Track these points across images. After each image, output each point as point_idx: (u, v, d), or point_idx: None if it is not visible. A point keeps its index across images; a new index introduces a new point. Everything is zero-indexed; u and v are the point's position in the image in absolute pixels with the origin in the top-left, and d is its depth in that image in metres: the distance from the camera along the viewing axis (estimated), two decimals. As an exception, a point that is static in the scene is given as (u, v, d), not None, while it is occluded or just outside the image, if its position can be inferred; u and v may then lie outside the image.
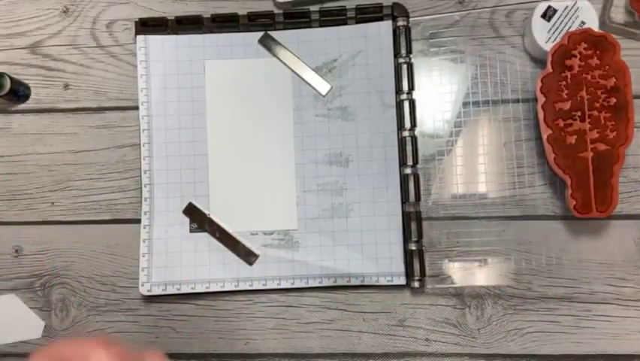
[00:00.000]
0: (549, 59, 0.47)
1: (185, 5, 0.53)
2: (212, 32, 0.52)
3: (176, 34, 0.52)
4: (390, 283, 0.49)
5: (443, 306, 0.49)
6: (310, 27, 0.52)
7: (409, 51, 0.51)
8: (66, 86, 0.53)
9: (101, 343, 0.31)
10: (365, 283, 0.49)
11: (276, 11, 0.52)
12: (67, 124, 0.53)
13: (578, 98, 0.46)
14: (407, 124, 0.50)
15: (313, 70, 0.51)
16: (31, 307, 0.51)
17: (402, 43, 0.51)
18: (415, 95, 0.50)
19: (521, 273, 0.49)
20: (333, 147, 0.51)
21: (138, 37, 0.52)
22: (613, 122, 0.46)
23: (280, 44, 0.52)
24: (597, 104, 0.46)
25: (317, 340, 0.49)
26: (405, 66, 0.50)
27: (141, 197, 0.51)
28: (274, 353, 0.49)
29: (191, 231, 0.50)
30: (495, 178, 0.50)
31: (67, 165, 0.52)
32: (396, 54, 0.51)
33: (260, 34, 0.52)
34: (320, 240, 0.50)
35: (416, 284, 0.48)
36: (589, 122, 0.46)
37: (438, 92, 0.51)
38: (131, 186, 0.52)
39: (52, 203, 0.52)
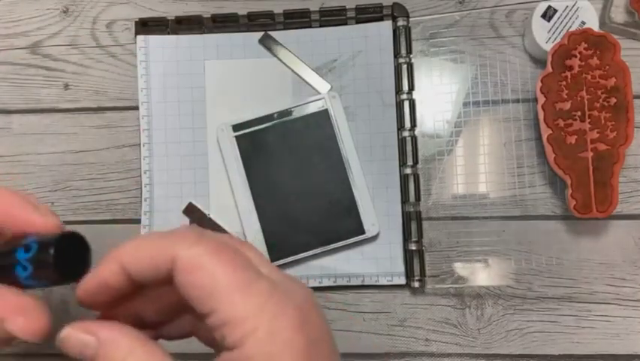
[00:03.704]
0: (549, 59, 0.47)
1: (185, 5, 0.53)
2: (212, 32, 0.52)
3: (176, 34, 0.52)
4: (390, 283, 0.49)
5: (443, 306, 0.49)
6: (310, 27, 0.52)
7: (409, 51, 0.51)
8: (66, 86, 0.53)
9: (189, 236, 0.24)
10: (365, 283, 0.49)
11: (276, 11, 0.52)
12: (67, 124, 0.53)
13: (578, 98, 0.46)
14: (407, 124, 0.50)
15: (313, 70, 0.51)
16: (31, 308, 0.51)
17: (402, 43, 0.51)
18: (415, 95, 0.50)
19: (521, 273, 0.49)
20: (333, 147, 0.51)
21: (138, 37, 0.52)
22: (613, 122, 0.46)
23: (280, 44, 0.52)
24: (597, 104, 0.46)
25: (317, 340, 0.49)
26: (405, 66, 0.50)
27: (141, 197, 0.51)
28: (274, 353, 0.49)
29: (191, 231, 0.50)
30: (495, 178, 0.50)
31: (67, 165, 0.52)
32: (397, 54, 0.51)
33: (260, 34, 0.52)
34: (320, 240, 0.50)
35: (416, 284, 0.48)
36: (589, 122, 0.46)
37: (438, 92, 0.51)
38: (131, 186, 0.52)
39: (52, 203, 0.52)
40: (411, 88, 0.50)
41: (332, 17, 0.51)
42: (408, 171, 0.49)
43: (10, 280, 0.22)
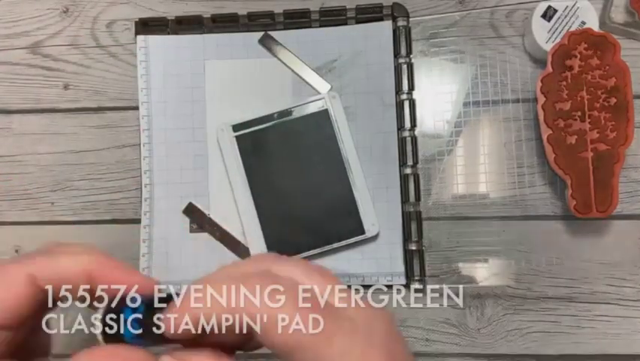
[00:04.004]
0: (549, 59, 0.47)
1: (185, 5, 0.53)
2: (212, 32, 0.52)
3: (177, 34, 0.52)
4: (390, 283, 0.49)
5: (443, 306, 0.49)
6: (310, 27, 0.52)
7: (409, 51, 0.51)
8: (66, 86, 0.53)
9: (263, 286, 0.23)
10: (365, 283, 0.49)
11: (276, 11, 0.52)
12: (67, 124, 0.53)
13: (578, 98, 0.46)
14: (407, 124, 0.50)
15: (313, 70, 0.51)
16: (31, 308, 0.51)
17: (402, 43, 0.51)
18: (415, 95, 0.50)
19: (521, 273, 0.49)
20: (333, 147, 0.51)
21: (138, 37, 0.52)
22: (613, 122, 0.46)
23: (280, 44, 0.52)
24: (597, 104, 0.46)
25: (317, 340, 0.49)
26: (405, 66, 0.50)
27: (141, 197, 0.51)
28: (274, 353, 0.49)
29: (191, 231, 0.50)
30: (495, 178, 0.50)
31: (67, 165, 0.52)
32: (397, 54, 0.51)
33: (260, 34, 0.52)
34: (320, 240, 0.50)
35: (416, 284, 0.48)
36: (589, 123, 0.46)
37: (438, 92, 0.51)
38: (131, 186, 0.52)
39: (52, 203, 0.52)
40: (411, 88, 0.50)
41: (332, 17, 0.51)
42: (408, 171, 0.49)
43: (117, 339, 0.23)
